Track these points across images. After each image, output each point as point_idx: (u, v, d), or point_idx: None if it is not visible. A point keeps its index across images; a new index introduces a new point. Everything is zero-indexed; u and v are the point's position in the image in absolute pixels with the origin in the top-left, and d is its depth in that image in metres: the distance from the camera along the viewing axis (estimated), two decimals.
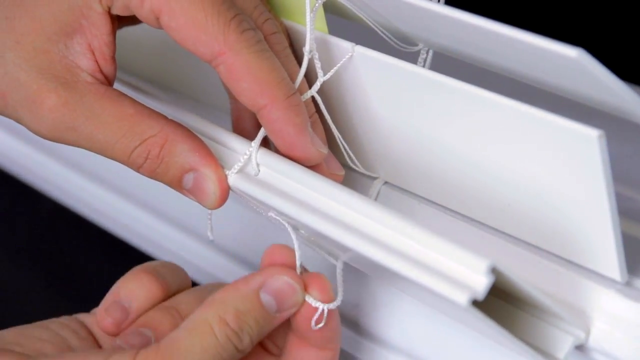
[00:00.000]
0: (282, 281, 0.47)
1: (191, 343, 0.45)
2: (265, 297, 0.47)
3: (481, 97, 0.44)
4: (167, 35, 0.47)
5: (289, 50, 0.49)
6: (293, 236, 0.47)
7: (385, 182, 0.54)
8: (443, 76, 0.45)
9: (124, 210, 0.69)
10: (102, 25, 0.47)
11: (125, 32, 0.52)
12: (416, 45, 0.50)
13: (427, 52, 0.50)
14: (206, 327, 0.45)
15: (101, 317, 0.49)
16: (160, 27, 0.46)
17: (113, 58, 0.48)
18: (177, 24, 0.45)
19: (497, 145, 0.46)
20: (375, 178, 0.54)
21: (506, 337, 0.43)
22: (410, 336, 0.55)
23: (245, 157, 0.47)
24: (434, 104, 0.47)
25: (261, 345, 0.51)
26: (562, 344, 0.45)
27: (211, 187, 0.47)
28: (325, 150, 0.48)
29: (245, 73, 0.45)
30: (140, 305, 0.50)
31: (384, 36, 0.49)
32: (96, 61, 0.47)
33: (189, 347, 0.45)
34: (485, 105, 0.44)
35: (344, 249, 0.44)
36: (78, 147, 0.47)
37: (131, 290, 0.50)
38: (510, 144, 0.45)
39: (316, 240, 0.49)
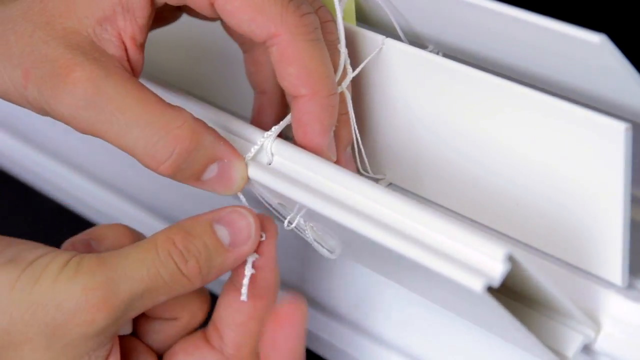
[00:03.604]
0: (237, 213, 0.46)
1: (130, 253, 0.44)
2: (219, 227, 0.46)
3: (508, 89, 0.44)
4: (188, 39, 0.46)
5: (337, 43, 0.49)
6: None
7: (390, 184, 0.54)
8: (472, 68, 0.46)
9: (124, 210, 0.68)
10: (141, 9, 0.46)
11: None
12: (426, 47, 0.51)
13: (437, 54, 0.51)
14: (151, 244, 0.45)
15: (65, 248, 0.48)
16: (212, 15, 0.46)
17: (142, 47, 0.47)
18: (232, 7, 0.45)
19: (516, 139, 0.46)
20: (379, 179, 0.54)
21: (517, 328, 0.43)
22: (414, 337, 0.54)
23: (260, 142, 0.47)
24: (459, 96, 0.47)
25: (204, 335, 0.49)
26: (572, 342, 0.45)
27: (239, 173, 0.46)
28: (334, 158, 0.48)
29: (296, 59, 0.45)
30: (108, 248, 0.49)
31: (400, 34, 0.50)
32: (125, 49, 0.46)
33: (127, 256, 0.44)
34: (510, 97, 0.44)
35: (350, 233, 0.44)
36: (94, 132, 0.45)
37: (104, 233, 0.49)
38: (529, 138, 0.45)
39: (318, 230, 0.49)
